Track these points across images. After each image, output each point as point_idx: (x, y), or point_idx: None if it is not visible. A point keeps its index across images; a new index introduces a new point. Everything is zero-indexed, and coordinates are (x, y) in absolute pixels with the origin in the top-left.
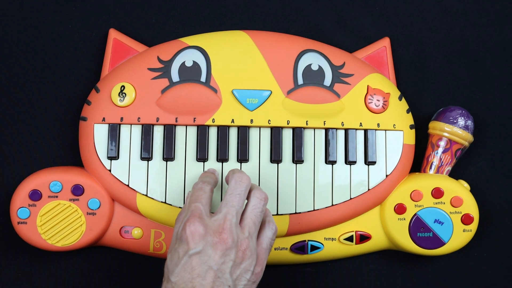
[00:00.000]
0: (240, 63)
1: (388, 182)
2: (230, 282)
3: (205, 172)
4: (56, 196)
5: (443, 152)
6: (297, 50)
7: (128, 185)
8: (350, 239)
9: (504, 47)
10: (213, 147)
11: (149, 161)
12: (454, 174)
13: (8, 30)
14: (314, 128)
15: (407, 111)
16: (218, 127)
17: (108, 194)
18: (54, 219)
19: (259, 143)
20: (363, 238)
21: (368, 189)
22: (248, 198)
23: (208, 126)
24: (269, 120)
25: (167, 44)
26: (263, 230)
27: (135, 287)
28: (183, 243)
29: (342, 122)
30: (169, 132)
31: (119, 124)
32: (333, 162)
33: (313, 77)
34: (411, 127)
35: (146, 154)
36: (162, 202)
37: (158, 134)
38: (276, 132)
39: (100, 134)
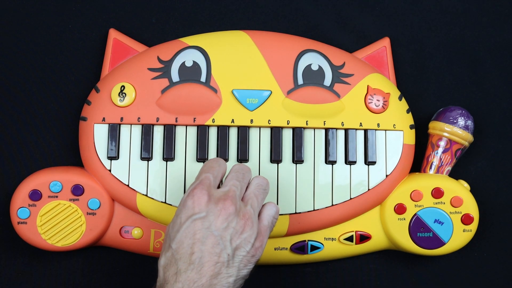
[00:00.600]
0: (240, 63)
1: (388, 182)
2: (229, 250)
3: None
4: (56, 196)
5: (443, 152)
6: (297, 50)
7: (128, 185)
8: (350, 239)
9: (504, 47)
10: (213, 147)
11: (149, 161)
12: (454, 174)
13: (8, 30)
14: (314, 128)
15: (407, 111)
16: (218, 127)
17: (108, 194)
18: (54, 219)
19: (259, 143)
20: (363, 238)
21: (368, 189)
22: (251, 180)
23: (208, 126)
24: (269, 120)
25: (167, 44)
26: (265, 208)
27: (135, 287)
28: (186, 208)
29: (342, 122)
30: (169, 132)
31: (119, 124)
32: (333, 162)
33: (313, 77)
34: (411, 127)
35: (146, 154)
36: (162, 202)
37: (158, 134)
38: (276, 132)
39: (100, 134)
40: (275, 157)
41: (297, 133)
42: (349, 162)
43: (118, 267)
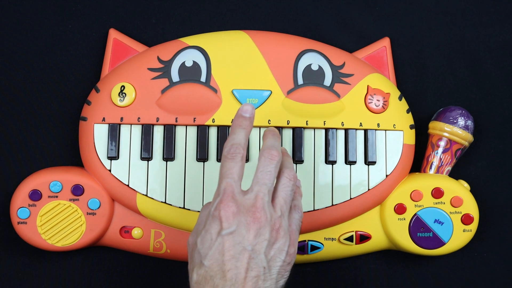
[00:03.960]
0: (240, 63)
1: (388, 182)
2: (265, 263)
3: (238, 119)
4: (56, 196)
5: (443, 152)
6: (297, 50)
7: (128, 185)
8: (350, 239)
9: (504, 47)
10: (213, 147)
11: (149, 161)
12: (454, 174)
13: (8, 30)
14: (314, 128)
15: (407, 111)
16: (218, 127)
17: (108, 194)
18: (54, 219)
19: (259, 143)
20: (363, 238)
21: (368, 189)
22: (278, 176)
23: (208, 126)
24: (269, 120)
25: (167, 44)
26: (291, 213)
27: (135, 287)
28: (216, 223)
29: (342, 122)
30: (169, 132)
31: (119, 124)
32: (333, 162)
33: (313, 77)
34: (411, 127)
35: (146, 154)
36: (162, 202)
37: (158, 134)
38: None
39: (100, 134)
40: None
41: (297, 133)
42: (349, 162)
43: (118, 267)
